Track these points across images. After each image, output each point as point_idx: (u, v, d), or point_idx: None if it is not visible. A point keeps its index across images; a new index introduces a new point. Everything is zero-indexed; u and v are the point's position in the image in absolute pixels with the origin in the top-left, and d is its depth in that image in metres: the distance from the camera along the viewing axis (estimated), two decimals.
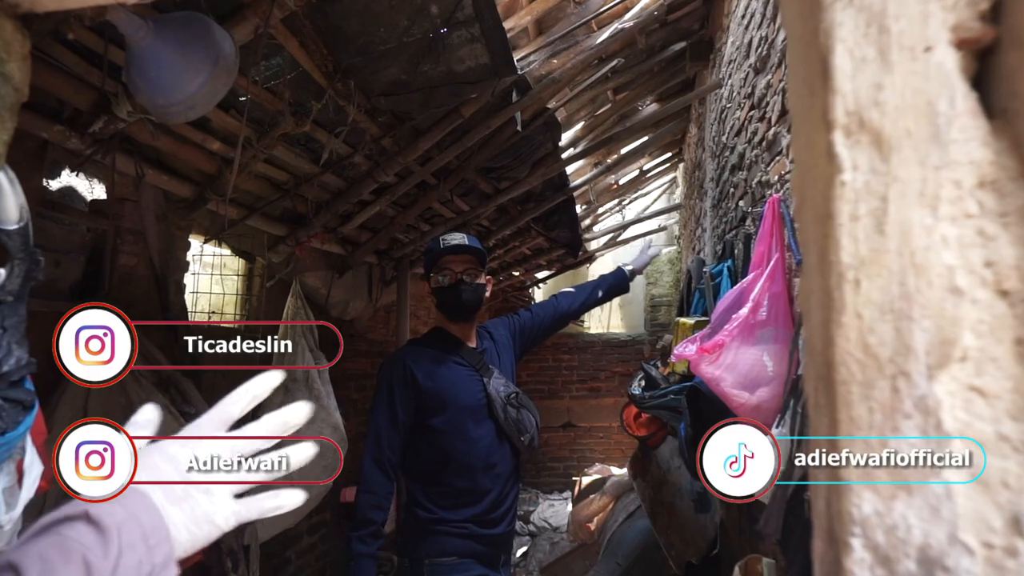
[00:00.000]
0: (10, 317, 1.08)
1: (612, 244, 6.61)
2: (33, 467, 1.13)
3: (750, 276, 1.96)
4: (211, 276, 2.98)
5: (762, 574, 1.44)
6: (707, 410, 1.90)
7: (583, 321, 7.47)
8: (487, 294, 2.13)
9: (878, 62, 0.53)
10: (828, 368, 0.55)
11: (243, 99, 2.22)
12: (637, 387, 2.60)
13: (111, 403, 1.94)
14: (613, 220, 6.61)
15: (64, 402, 1.87)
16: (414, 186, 3.32)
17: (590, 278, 7.90)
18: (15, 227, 1.14)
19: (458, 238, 2.06)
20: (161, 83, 1.49)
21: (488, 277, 2.13)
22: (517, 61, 2.74)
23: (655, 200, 7.11)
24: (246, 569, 2.84)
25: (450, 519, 1.95)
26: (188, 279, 2.79)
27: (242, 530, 2.82)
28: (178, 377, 2.13)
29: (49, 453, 1.79)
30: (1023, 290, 0.51)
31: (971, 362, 0.51)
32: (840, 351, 0.54)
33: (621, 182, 6.06)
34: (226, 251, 3.06)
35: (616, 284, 2.50)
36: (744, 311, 1.84)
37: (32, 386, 1.14)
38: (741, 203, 2.71)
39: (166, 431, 1.99)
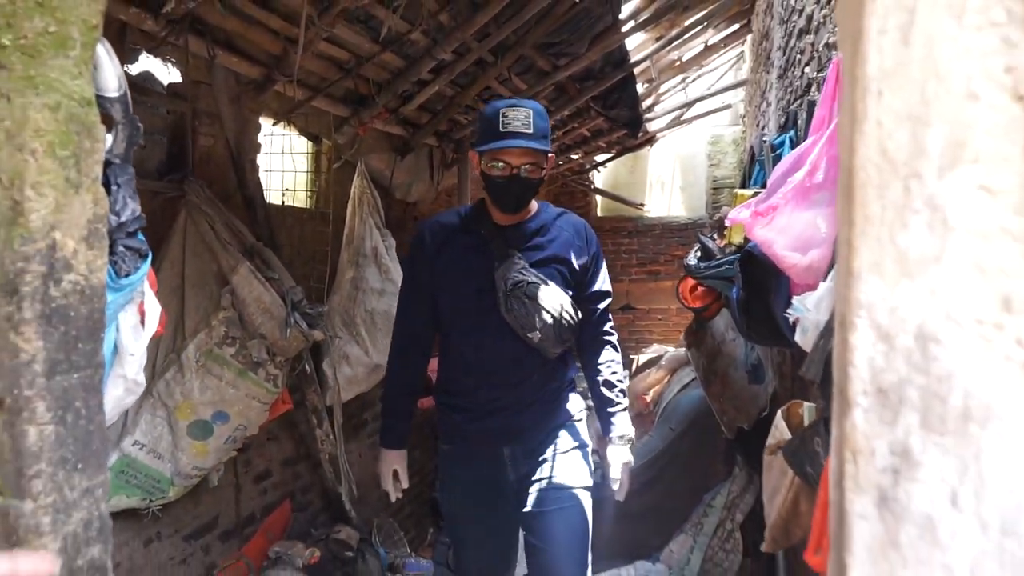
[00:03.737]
0: (121, 175, 1.21)
1: (675, 124, 6.44)
2: (153, 309, 1.30)
3: (809, 140, 1.94)
4: (282, 156, 3.11)
5: (802, 417, 1.54)
6: (759, 273, 1.95)
7: (643, 204, 7.42)
8: (544, 176, 1.86)
9: None
10: (849, 175, 0.61)
11: None
12: (693, 258, 2.65)
13: (204, 271, 2.14)
14: (676, 99, 6.40)
15: (165, 261, 2.07)
16: (472, 64, 3.31)
17: (651, 162, 7.77)
18: (116, 95, 1.25)
19: (520, 120, 1.73)
20: None
21: (550, 156, 1.85)
22: None
23: (721, 77, 6.81)
24: (330, 426, 3.14)
25: (448, 403, 1.92)
26: (260, 159, 2.94)
27: (324, 392, 3.10)
28: (260, 247, 2.31)
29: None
30: None
31: (982, 163, 0.56)
32: (860, 157, 0.59)
33: (684, 58, 5.82)
34: (294, 133, 3.18)
35: (602, 402, 2.05)
36: (800, 175, 1.85)
37: (143, 238, 1.29)
38: (807, 70, 2.62)
39: (254, 296, 2.20)
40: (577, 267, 1.90)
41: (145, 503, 2.07)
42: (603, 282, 2.03)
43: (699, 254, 2.67)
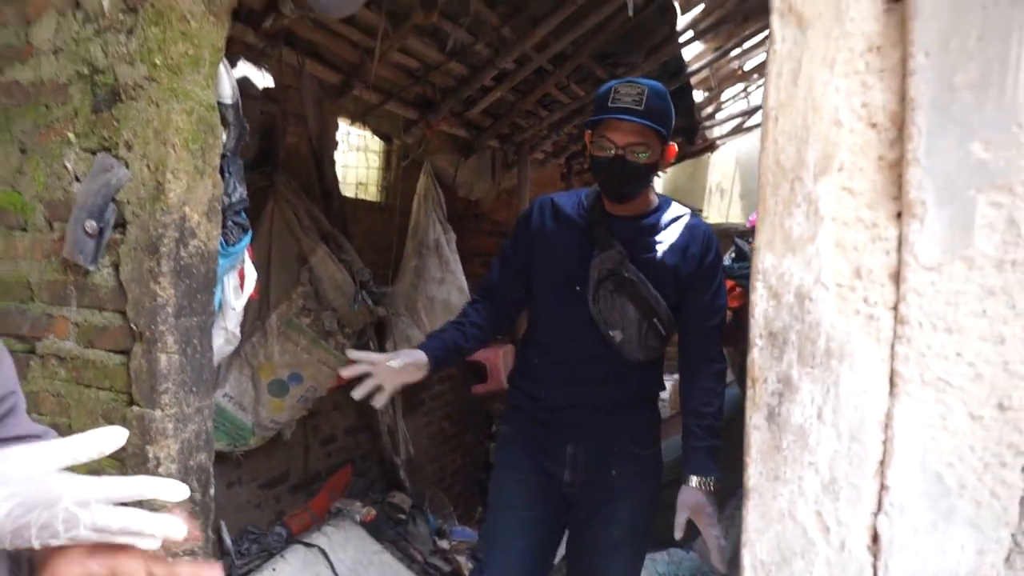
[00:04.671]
0: (233, 165, 1.53)
1: (736, 132, 6.53)
2: (251, 274, 1.62)
3: None
4: (357, 153, 3.45)
5: None
6: None
7: (701, 211, 7.52)
8: (662, 170, 1.71)
9: None
10: (760, 179, 0.84)
11: None
12: (728, 259, 2.83)
13: (287, 251, 2.47)
14: (738, 106, 6.49)
15: (254, 242, 2.42)
16: (532, 72, 3.57)
17: (712, 167, 7.84)
18: (230, 102, 1.57)
19: (632, 97, 1.56)
20: None
21: (670, 145, 1.66)
22: None
23: None
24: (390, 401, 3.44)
25: (520, 387, 1.83)
26: (337, 156, 3.28)
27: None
28: (335, 233, 2.63)
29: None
30: (886, 123, 0.76)
31: (845, 171, 0.78)
32: (763, 165, 0.82)
33: (747, 67, 5.92)
34: (368, 132, 3.52)
35: (684, 431, 1.77)
36: None
37: (246, 216, 1.61)
38: None
39: (328, 274, 2.52)
40: (684, 275, 1.71)
41: (230, 448, 2.42)
42: (714, 297, 1.76)
43: (733, 255, 2.85)
